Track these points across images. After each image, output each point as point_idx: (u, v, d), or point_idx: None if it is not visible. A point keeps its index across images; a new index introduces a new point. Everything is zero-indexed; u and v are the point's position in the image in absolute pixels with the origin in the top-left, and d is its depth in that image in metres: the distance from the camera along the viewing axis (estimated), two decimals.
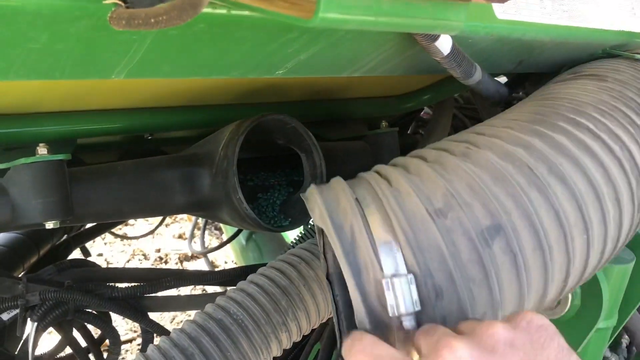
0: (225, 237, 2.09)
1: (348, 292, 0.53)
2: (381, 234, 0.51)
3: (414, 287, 0.49)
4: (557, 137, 0.62)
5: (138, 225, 3.64)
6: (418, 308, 0.48)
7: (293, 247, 1.01)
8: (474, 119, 1.60)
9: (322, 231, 0.61)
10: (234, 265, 2.39)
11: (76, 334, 1.03)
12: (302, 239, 1.23)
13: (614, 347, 1.48)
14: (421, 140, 1.37)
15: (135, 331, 2.62)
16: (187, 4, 0.32)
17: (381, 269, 0.49)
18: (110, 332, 0.97)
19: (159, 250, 3.55)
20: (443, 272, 0.50)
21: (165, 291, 1.00)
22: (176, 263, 3.44)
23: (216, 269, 2.47)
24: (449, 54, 0.59)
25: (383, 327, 0.49)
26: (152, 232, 2.04)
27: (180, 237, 3.67)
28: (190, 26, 0.43)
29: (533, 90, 0.85)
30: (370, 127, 1.38)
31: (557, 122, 0.65)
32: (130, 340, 2.61)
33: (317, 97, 1.24)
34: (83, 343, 1.06)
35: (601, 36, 0.86)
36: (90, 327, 1.04)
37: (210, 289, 2.30)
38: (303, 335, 0.85)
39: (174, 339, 0.74)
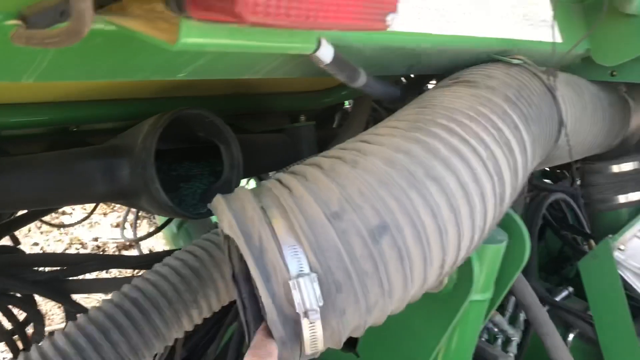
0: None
1: (253, 288, 0.61)
2: (286, 239, 0.58)
3: (316, 285, 0.56)
4: (431, 142, 0.71)
5: (75, 214, 3.62)
6: (321, 303, 0.56)
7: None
8: (392, 112, 1.70)
9: (227, 237, 0.66)
10: None
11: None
12: (216, 225, 1.31)
13: (513, 321, 1.63)
14: (340, 133, 1.46)
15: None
16: (72, 31, 0.39)
17: (287, 270, 0.56)
18: (34, 314, 1.02)
19: (96, 239, 3.54)
20: (341, 269, 0.58)
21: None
22: (114, 251, 3.45)
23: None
24: (330, 62, 0.67)
25: (292, 323, 0.56)
26: (85, 219, 2.06)
27: (117, 225, 3.67)
28: (88, 40, 0.50)
29: None
30: (293, 120, 1.46)
31: (432, 128, 0.74)
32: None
33: (239, 91, 1.31)
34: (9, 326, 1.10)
35: (484, 43, 0.96)
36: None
37: None
38: (217, 313, 0.94)
39: (91, 316, 0.80)
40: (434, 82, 1.30)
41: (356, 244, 0.60)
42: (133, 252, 3.42)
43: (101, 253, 3.32)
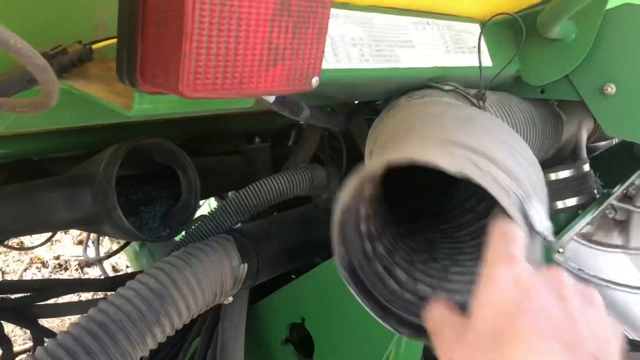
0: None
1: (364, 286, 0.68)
2: (500, 171, 0.62)
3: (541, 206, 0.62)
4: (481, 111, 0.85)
5: (35, 235, 3.59)
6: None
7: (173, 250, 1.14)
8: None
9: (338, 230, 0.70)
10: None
11: None
12: (178, 246, 1.36)
13: None
14: (294, 151, 1.54)
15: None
16: (41, 104, 0.46)
17: (518, 196, 0.59)
18: (1, 338, 1.06)
19: (58, 258, 3.52)
20: (530, 188, 0.64)
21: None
22: (76, 270, 3.44)
23: (114, 274, 2.54)
24: (274, 101, 0.75)
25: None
26: (47, 241, 2.08)
27: (80, 243, 3.66)
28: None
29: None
30: (248, 140, 1.53)
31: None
32: (29, 350, 2.62)
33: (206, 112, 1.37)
34: None
35: (418, 72, 1.05)
36: None
37: None
38: (179, 329, 1.00)
39: (60, 340, 0.85)
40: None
41: (533, 174, 0.69)
42: (96, 270, 3.42)
43: (63, 275, 3.31)
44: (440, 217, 1.02)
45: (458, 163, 0.57)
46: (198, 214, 1.26)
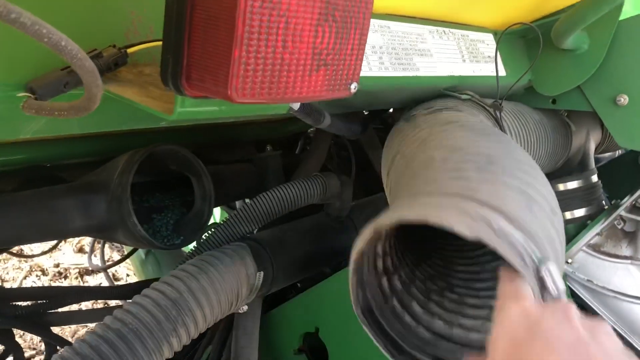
0: (126, 251, 2.16)
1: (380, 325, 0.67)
2: (518, 233, 0.60)
3: (556, 268, 0.59)
4: (506, 140, 0.81)
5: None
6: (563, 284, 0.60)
7: (184, 261, 1.14)
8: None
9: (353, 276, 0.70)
10: (135, 278, 2.45)
11: None
12: (192, 254, 1.36)
13: None
14: (303, 160, 1.53)
15: (34, 349, 2.61)
16: (82, 107, 0.45)
17: (535, 258, 0.58)
18: (13, 347, 1.05)
19: (57, 266, 3.50)
20: (550, 248, 0.63)
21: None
22: (76, 278, 3.42)
23: (117, 283, 2.52)
24: (299, 109, 0.74)
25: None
26: (51, 249, 2.07)
27: (80, 250, 3.64)
28: None
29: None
30: (259, 149, 1.52)
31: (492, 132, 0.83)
32: (29, 358, 2.59)
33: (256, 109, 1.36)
34: None
35: (435, 81, 1.05)
36: None
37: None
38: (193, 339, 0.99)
39: (76, 348, 0.84)
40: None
41: (550, 229, 0.66)
42: (96, 278, 3.40)
43: (62, 283, 3.28)
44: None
45: (473, 226, 0.57)
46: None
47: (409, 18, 1.04)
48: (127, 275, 3.33)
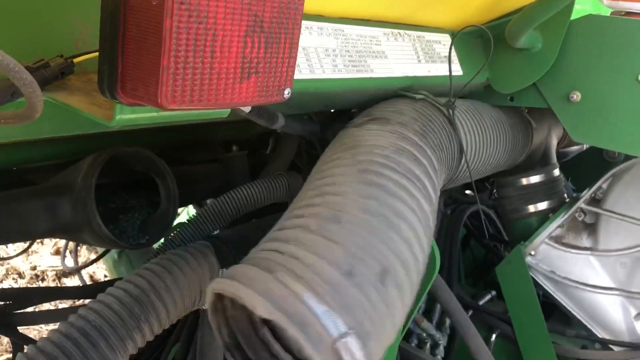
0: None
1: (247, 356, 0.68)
2: (319, 307, 0.61)
3: (356, 339, 0.61)
4: (384, 182, 0.80)
5: (11, 245, 3.56)
6: (363, 354, 0.61)
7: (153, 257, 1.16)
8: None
9: (215, 308, 0.69)
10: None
11: None
12: (157, 253, 1.37)
13: (440, 326, 1.76)
14: (271, 160, 1.56)
15: (9, 351, 2.61)
16: (24, 116, 0.48)
17: (330, 335, 0.60)
18: None
19: (34, 268, 3.49)
20: (367, 319, 0.65)
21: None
22: (53, 280, 3.41)
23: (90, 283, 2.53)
24: (250, 111, 0.78)
25: None
26: (24, 251, 2.08)
27: (57, 252, 3.63)
28: None
29: None
30: (227, 149, 1.55)
31: (376, 169, 0.82)
32: None
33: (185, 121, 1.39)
34: None
35: (389, 82, 1.09)
36: None
37: None
38: (159, 334, 1.01)
39: (40, 346, 0.87)
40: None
41: (372, 293, 0.66)
42: (73, 280, 3.40)
43: (40, 285, 3.28)
44: None
45: (272, 311, 0.60)
46: (177, 221, 1.28)
47: (364, 21, 1.08)
48: (105, 276, 3.33)
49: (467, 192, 2.27)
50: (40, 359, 0.85)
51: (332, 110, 1.33)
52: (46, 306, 2.46)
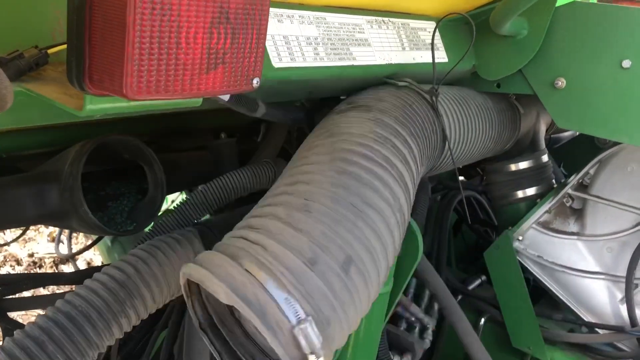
0: None
1: (222, 334, 0.70)
2: (279, 293, 0.65)
3: (314, 326, 0.64)
4: (355, 170, 0.82)
5: (8, 231, 3.58)
6: (321, 340, 0.64)
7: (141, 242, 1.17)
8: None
9: (189, 289, 0.73)
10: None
11: None
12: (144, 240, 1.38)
13: (428, 310, 1.78)
14: (261, 147, 1.57)
15: None
16: None
17: (289, 321, 0.63)
18: None
19: (32, 255, 3.52)
20: (328, 306, 0.67)
21: None
22: (51, 267, 3.44)
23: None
24: (229, 100, 0.79)
25: None
26: (20, 236, 2.09)
27: (53, 240, 3.65)
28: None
29: None
30: (215, 136, 1.56)
31: (349, 157, 0.84)
32: None
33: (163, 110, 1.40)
34: None
35: (372, 70, 1.09)
36: None
37: None
38: (149, 321, 1.04)
39: (27, 330, 0.89)
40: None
41: (334, 281, 0.69)
42: (71, 267, 3.42)
43: (37, 271, 3.30)
44: None
45: (230, 296, 0.63)
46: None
47: (347, 9, 1.08)
48: (102, 262, 3.36)
49: (461, 178, 2.29)
50: (28, 343, 0.87)
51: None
52: (43, 293, 2.49)
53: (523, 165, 1.77)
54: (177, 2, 0.45)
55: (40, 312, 1.10)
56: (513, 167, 1.77)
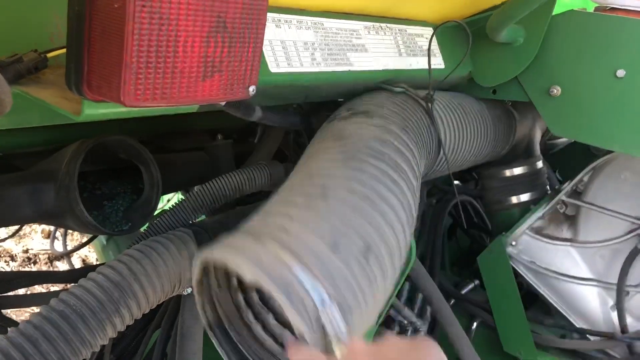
0: None
1: (230, 336, 0.70)
2: (304, 276, 0.63)
3: (338, 311, 0.63)
4: (368, 169, 0.82)
5: (2, 228, 3.58)
6: (345, 324, 0.64)
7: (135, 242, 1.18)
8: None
9: (200, 290, 0.73)
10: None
11: None
12: (138, 240, 1.38)
13: (420, 314, 1.79)
14: (256, 149, 1.58)
15: None
16: None
17: (314, 303, 0.62)
18: None
19: (26, 251, 3.52)
20: (350, 292, 0.67)
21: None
22: (45, 263, 3.44)
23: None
24: (225, 104, 0.79)
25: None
26: (15, 233, 2.10)
27: (48, 236, 3.65)
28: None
29: None
30: (212, 138, 1.57)
31: (362, 157, 0.85)
32: None
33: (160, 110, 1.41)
34: None
35: (369, 75, 1.10)
36: None
37: None
38: (142, 320, 1.04)
39: (21, 328, 0.89)
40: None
41: (355, 268, 0.68)
42: (65, 264, 3.42)
43: (32, 268, 3.30)
44: None
45: (261, 272, 0.61)
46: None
47: (345, 14, 1.09)
48: (97, 260, 3.36)
49: (456, 182, 2.30)
50: (21, 341, 0.87)
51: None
52: (38, 290, 2.49)
53: (518, 171, 1.78)
54: (176, 11, 0.46)
55: (35, 309, 1.11)
56: (508, 172, 1.78)
